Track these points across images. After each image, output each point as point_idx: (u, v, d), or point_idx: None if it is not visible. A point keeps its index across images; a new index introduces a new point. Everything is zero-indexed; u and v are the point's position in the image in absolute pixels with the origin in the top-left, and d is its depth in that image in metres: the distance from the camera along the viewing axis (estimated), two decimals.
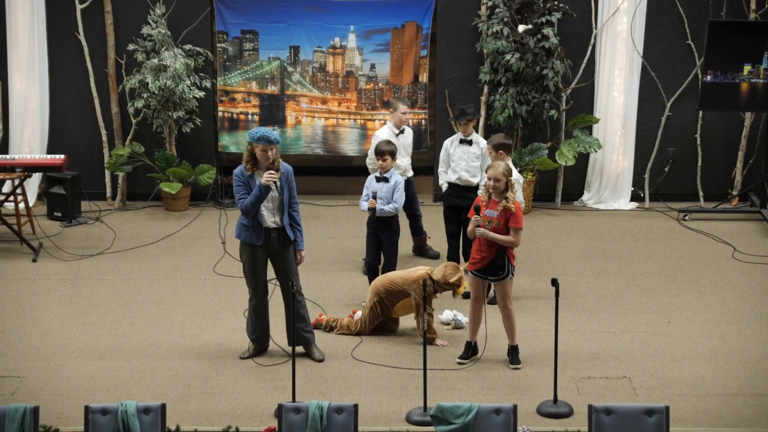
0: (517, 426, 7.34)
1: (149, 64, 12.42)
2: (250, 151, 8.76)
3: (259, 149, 8.71)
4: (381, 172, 10.23)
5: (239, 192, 8.83)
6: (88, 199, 12.99)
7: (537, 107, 12.61)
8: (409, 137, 11.15)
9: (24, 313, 10.13)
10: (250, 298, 9.13)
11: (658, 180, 13.20)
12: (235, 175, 8.87)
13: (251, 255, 8.97)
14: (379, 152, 10.22)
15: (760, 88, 12.33)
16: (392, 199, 10.18)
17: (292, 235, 8.95)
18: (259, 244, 8.91)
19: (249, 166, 8.81)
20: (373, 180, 10.28)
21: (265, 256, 9.02)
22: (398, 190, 10.20)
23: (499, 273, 8.91)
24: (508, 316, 9.04)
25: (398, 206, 10.21)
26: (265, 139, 8.67)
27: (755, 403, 8.48)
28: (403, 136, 11.01)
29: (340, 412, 7.17)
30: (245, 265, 9.05)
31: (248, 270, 9.03)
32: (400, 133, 11.01)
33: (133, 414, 7.09)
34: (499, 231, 8.82)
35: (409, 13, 12.79)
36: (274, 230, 8.91)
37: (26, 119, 12.89)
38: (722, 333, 9.75)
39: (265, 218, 8.88)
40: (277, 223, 8.90)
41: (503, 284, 8.94)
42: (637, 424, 7.05)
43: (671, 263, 11.37)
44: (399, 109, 10.96)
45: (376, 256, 10.34)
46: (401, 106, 10.98)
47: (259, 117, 13.07)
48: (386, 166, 10.21)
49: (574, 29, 12.88)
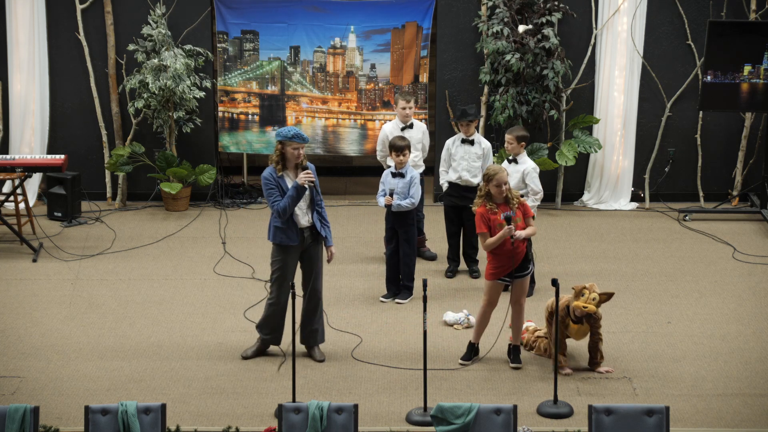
0: (517, 426, 7.34)
1: (149, 64, 12.43)
2: (279, 151, 8.76)
3: (291, 147, 8.72)
4: (397, 168, 10.26)
5: (272, 195, 8.80)
6: (89, 200, 13.00)
7: (537, 107, 12.61)
8: (417, 133, 11.08)
9: (24, 313, 10.13)
10: (273, 301, 9.07)
11: (659, 180, 13.21)
12: (264, 178, 8.83)
13: (286, 257, 8.94)
14: (396, 148, 10.25)
15: (760, 89, 12.33)
16: (409, 194, 10.21)
17: (323, 232, 8.98)
18: (295, 245, 8.91)
19: (279, 167, 8.81)
20: (389, 176, 10.32)
21: (297, 257, 9.02)
22: (414, 184, 10.24)
23: (528, 266, 8.98)
24: (519, 314, 9.04)
25: (415, 201, 10.25)
26: (299, 137, 8.70)
27: (755, 403, 8.48)
28: (410, 131, 11.00)
29: (341, 412, 7.17)
30: (278, 267, 8.97)
31: (280, 272, 8.96)
32: (407, 127, 11.01)
33: (134, 414, 7.09)
34: (522, 227, 8.91)
35: (410, 13, 12.79)
36: (307, 229, 8.93)
37: (26, 119, 12.89)
38: (722, 333, 9.75)
39: (299, 218, 8.89)
40: (309, 221, 8.93)
41: (526, 280, 9.01)
42: (637, 425, 7.05)
43: (671, 263, 11.37)
44: (398, 105, 11.00)
45: (394, 251, 10.38)
46: (400, 102, 11.00)
47: (260, 117, 13.07)
48: (403, 162, 10.23)
49: (575, 29, 12.88)
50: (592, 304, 8.68)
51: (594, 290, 8.72)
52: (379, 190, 10.41)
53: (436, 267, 11.20)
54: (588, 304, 8.67)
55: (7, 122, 12.97)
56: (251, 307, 10.21)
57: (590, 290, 8.70)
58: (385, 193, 10.28)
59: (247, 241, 11.91)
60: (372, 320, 10.00)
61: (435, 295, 10.40)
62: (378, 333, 9.73)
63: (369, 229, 12.34)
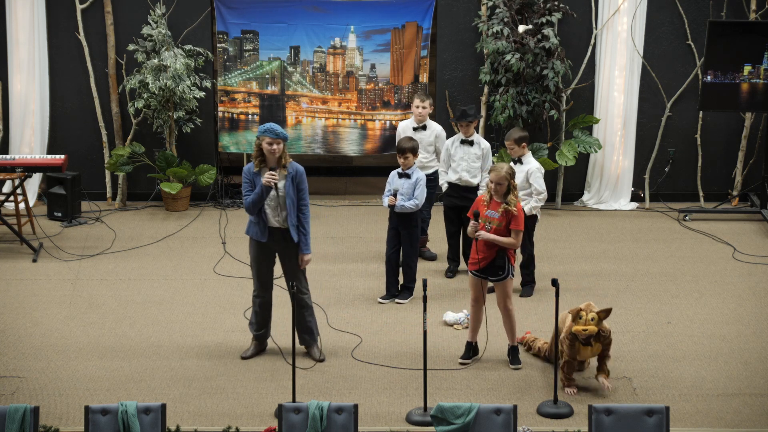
0: (518, 426, 7.34)
1: (149, 64, 12.43)
2: (258, 146, 8.77)
3: (265, 142, 8.71)
4: (402, 169, 10.27)
5: (245, 189, 8.86)
6: (89, 200, 13.00)
7: (537, 107, 12.60)
8: (429, 136, 11.04)
9: (24, 313, 10.13)
10: (256, 294, 9.16)
11: (659, 180, 13.21)
12: (243, 172, 8.90)
13: (257, 251, 9.02)
14: (400, 149, 10.27)
15: (760, 89, 12.33)
16: (413, 195, 10.22)
17: (296, 238, 8.92)
18: (263, 241, 8.93)
19: (257, 162, 8.81)
20: (395, 176, 10.33)
21: (271, 253, 9.04)
22: (419, 186, 10.24)
23: (499, 273, 8.91)
24: (508, 316, 9.03)
25: (419, 203, 10.25)
26: (271, 131, 8.67)
27: (755, 404, 8.48)
28: (422, 132, 10.99)
29: (341, 413, 7.17)
30: (252, 260, 9.10)
31: (255, 265, 9.07)
32: (420, 128, 11.01)
33: (134, 414, 7.09)
34: (500, 232, 8.81)
35: (410, 13, 12.79)
36: (278, 230, 8.92)
37: (26, 119, 12.89)
38: (722, 333, 9.75)
39: (269, 217, 8.89)
40: (280, 222, 8.88)
41: (503, 284, 8.94)
42: (637, 425, 7.05)
43: (671, 263, 11.37)
44: (413, 103, 11.02)
45: (396, 250, 10.39)
46: (415, 100, 11.03)
47: (260, 117, 13.07)
48: (407, 164, 10.24)
49: (575, 29, 12.88)
50: (592, 324, 8.40)
51: (591, 309, 8.45)
52: (385, 189, 10.42)
53: (436, 267, 11.20)
54: (588, 326, 8.39)
55: (7, 122, 12.97)
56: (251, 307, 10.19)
57: (587, 311, 8.42)
58: (390, 193, 10.29)
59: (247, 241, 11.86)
60: (372, 320, 10.00)
61: (435, 295, 10.40)
62: (378, 333, 9.73)
63: (369, 229, 12.34)
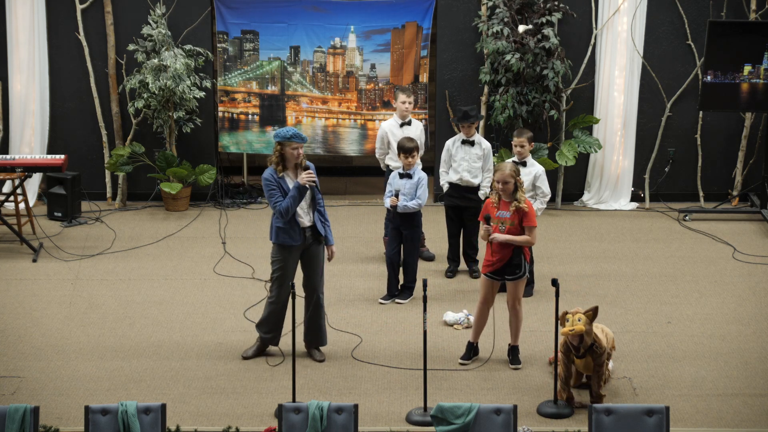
0: (518, 426, 7.34)
1: (149, 64, 12.43)
2: (278, 152, 8.77)
3: (290, 148, 8.73)
4: (405, 169, 10.26)
5: (274, 195, 8.80)
6: (89, 200, 13.00)
7: (537, 107, 12.60)
8: (416, 131, 11.05)
9: (24, 313, 10.13)
10: (273, 300, 9.07)
11: (659, 180, 13.21)
12: (265, 179, 8.84)
13: (287, 256, 8.94)
14: (405, 150, 10.24)
15: (760, 89, 12.33)
16: (415, 195, 10.21)
17: (323, 231, 8.98)
18: (296, 245, 8.92)
19: (279, 167, 8.82)
20: (397, 176, 10.32)
21: (298, 256, 9.02)
22: (421, 186, 10.23)
23: (516, 272, 8.90)
24: (516, 316, 9.03)
25: (422, 202, 10.25)
26: (298, 137, 8.72)
27: (755, 404, 8.48)
28: (408, 128, 10.99)
29: (341, 413, 7.17)
30: (279, 267, 8.97)
31: (281, 272, 8.96)
32: (405, 124, 11.00)
33: (134, 414, 7.09)
34: (514, 231, 8.82)
35: (410, 13, 12.79)
36: (309, 228, 8.94)
37: (26, 119, 12.89)
38: (722, 333, 9.75)
39: (302, 218, 8.90)
40: (311, 221, 8.94)
41: (518, 283, 8.94)
42: (637, 425, 7.05)
43: (671, 263, 11.37)
44: (398, 99, 11.00)
45: (397, 251, 10.39)
46: (400, 96, 10.99)
47: (260, 117, 13.07)
48: (411, 163, 10.23)
49: (575, 29, 12.88)
50: (579, 324, 8.26)
51: (577, 312, 8.35)
52: (386, 191, 10.41)
53: (436, 267, 11.20)
54: (574, 326, 8.25)
55: (7, 122, 12.97)
56: (251, 307, 10.21)
57: (573, 314, 8.33)
58: (392, 194, 10.28)
59: (247, 241, 11.91)
60: (372, 320, 10.00)
61: (435, 295, 10.40)
62: (378, 333, 9.73)
63: (369, 229, 12.34)
